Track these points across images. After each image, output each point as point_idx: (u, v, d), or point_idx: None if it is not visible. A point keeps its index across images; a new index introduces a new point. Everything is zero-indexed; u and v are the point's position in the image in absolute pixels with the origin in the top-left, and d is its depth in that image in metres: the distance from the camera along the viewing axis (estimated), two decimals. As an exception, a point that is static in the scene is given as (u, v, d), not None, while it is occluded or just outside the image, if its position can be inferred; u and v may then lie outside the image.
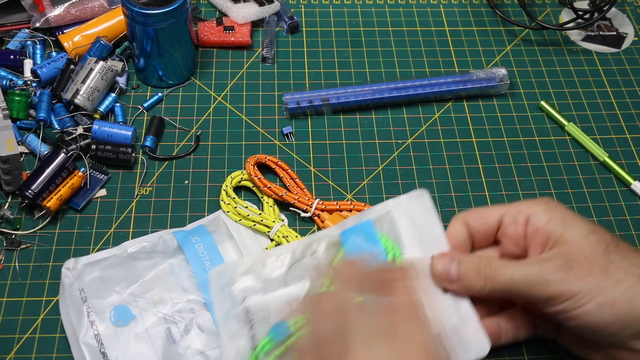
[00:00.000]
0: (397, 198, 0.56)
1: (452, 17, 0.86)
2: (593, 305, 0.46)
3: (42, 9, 0.76)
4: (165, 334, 0.56)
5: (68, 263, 0.58)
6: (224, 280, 0.55)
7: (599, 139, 0.74)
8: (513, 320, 0.53)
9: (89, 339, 0.55)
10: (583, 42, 0.84)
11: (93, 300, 0.56)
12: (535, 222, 0.50)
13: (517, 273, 0.48)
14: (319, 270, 0.53)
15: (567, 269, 0.47)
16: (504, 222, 0.53)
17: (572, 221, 0.49)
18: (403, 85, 0.75)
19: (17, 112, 0.69)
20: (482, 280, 0.49)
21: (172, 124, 0.72)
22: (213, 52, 0.80)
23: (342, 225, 0.56)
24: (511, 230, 0.52)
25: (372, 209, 0.56)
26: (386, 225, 0.55)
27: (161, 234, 0.62)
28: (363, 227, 0.55)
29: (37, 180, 0.63)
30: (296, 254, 0.55)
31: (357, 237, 0.55)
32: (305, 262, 0.55)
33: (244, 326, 0.53)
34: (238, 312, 0.53)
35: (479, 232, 0.54)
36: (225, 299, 0.54)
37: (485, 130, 0.74)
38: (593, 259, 0.47)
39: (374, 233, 0.54)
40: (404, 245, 0.54)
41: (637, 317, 0.46)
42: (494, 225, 0.53)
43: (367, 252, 0.54)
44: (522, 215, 0.51)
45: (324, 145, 0.72)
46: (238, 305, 0.53)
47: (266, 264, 0.55)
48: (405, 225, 0.54)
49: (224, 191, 0.65)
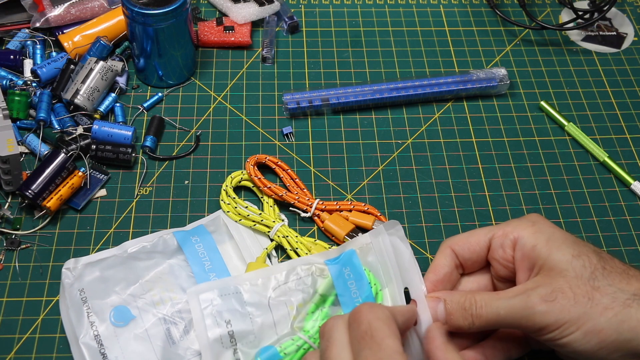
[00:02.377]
0: (376, 229, 0.56)
1: (452, 17, 0.86)
2: (580, 334, 0.46)
3: (42, 9, 0.76)
4: (165, 334, 0.56)
5: (68, 263, 0.58)
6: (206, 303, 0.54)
7: (599, 139, 0.74)
8: (503, 342, 0.53)
9: (89, 339, 0.55)
10: (583, 42, 0.84)
11: (93, 301, 0.56)
12: (521, 246, 0.50)
13: (503, 308, 0.47)
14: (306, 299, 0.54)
15: (552, 300, 0.46)
16: (492, 247, 0.52)
17: (558, 245, 0.49)
18: (403, 85, 0.75)
19: (17, 112, 0.69)
20: (469, 319, 0.48)
21: (172, 124, 0.72)
22: (213, 52, 0.80)
23: (326, 254, 0.57)
24: (500, 254, 0.52)
25: (355, 239, 0.57)
26: (369, 257, 0.56)
27: (161, 233, 0.62)
28: (347, 256, 0.56)
29: (37, 180, 0.63)
30: (280, 279, 0.56)
31: (344, 268, 0.55)
32: (290, 286, 0.55)
33: (229, 350, 0.53)
34: (223, 334, 0.53)
35: (469, 260, 0.53)
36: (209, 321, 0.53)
37: (485, 130, 0.74)
38: (578, 286, 0.46)
39: (359, 265, 0.55)
40: (382, 280, 0.55)
41: (625, 341, 0.46)
42: (483, 250, 0.53)
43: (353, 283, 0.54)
44: (508, 238, 0.51)
45: (324, 145, 0.72)
46: (223, 328, 0.53)
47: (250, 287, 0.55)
48: (383, 259, 0.55)
49: (224, 191, 0.65)
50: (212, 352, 0.52)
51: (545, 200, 0.69)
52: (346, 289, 0.55)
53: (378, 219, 0.65)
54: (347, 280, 0.55)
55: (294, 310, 0.54)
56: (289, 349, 0.52)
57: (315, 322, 0.53)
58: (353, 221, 0.64)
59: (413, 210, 0.67)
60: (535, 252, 0.49)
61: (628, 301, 0.46)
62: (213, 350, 0.53)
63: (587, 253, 0.48)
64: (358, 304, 0.52)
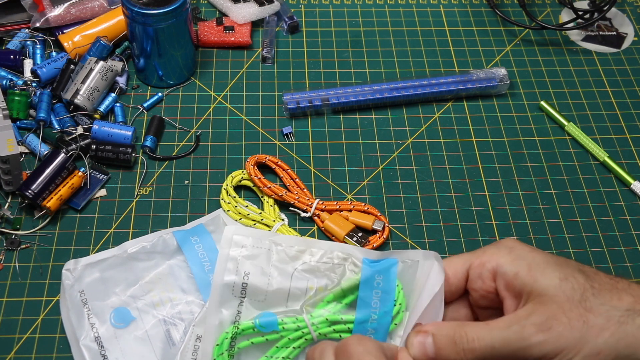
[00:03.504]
0: (427, 253, 0.53)
1: (452, 17, 0.86)
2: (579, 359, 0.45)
3: (42, 9, 0.76)
4: (165, 335, 0.56)
5: (68, 264, 0.58)
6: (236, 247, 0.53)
7: (599, 139, 0.74)
8: None
9: (89, 341, 0.55)
10: (583, 42, 0.84)
11: (93, 302, 0.56)
12: (502, 275, 0.48)
13: (498, 341, 0.45)
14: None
15: (547, 329, 0.45)
16: (470, 277, 0.50)
17: (541, 270, 0.47)
18: (403, 85, 0.75)
19: (17, 112, 0.69)
20: (460, 354, 0.46)
21: (172, 124, 0.72)
22: (213, 52, 0.80)
23: (367, 252, 0.54)
24: (479, 285, 0.50)
25: (404, 251, 0.54)
26: (408, 275, 0.53)
27: (161, 233, 0.62)
28: (387, 264, 0.53)
29: (37, 180, 0.63)
30: (314, 256, 0.54)
31: (378, 276, 0.53)
32: (319, 267, 0.54)
33: (235, 299, 0.52)
34: (237, 283, 0.52)
35: (447, 292, 0.51)
36: (231, 265, 0.53)
37: (485, 130, 0.74)
38: (571, 310, 0.45)
39: (394, 278, 0.53)
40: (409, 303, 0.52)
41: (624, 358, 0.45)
42: (461, 282, 0.51)
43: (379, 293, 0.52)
44: (486, 269, 0.49)
45: (324, 145, 0.72)
46: (240, 277, 0.52)
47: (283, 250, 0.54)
48: (420, 285, 0.52)
49: (224, 190, 0.65)
50: (220, 295, 0.52)
51: (545, 200, 0.69)
52: (369, 297, 0.52)
53: (378, 219, 0.65)
54: (375, 288, 0.52)
55: (313, 291, 0.53)
56: (288, 326, 0.51)
57: (325, 312, 0.52)
58: (353, 221, 0.64)
59: (413, 210, 0.67)
60: (519, 279, 0.47)
61: (622, 318, 0.45)
62: (222, 293, 0.52)
63: (573, 274, 0.47)
64: (374, 315, 0.51)
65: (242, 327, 0.51)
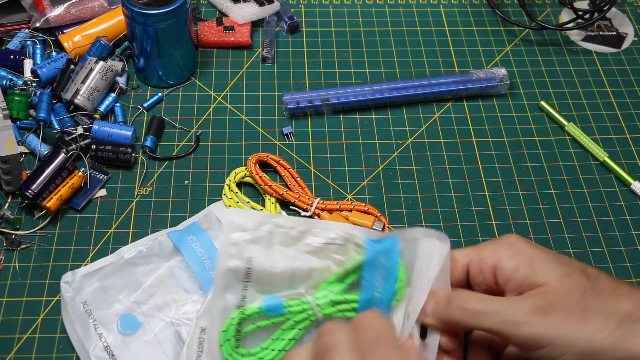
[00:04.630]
0: (428, 230, 0.53)
1: (452, 17, 0.86)
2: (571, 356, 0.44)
3: (42, 9, 0.76)
4: (175, 337, 0.55)
5: (66, 276, 0.58)
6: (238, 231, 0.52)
7: (599, 139, 0.74)
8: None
9: (99, 351, 0.54)
10: (583, 42, 0.84)
11: (98, 312, 0.56)
12: (502, 270, 0.48)
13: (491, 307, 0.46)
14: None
15: (543, 314, 0.45)
16: (470, 272, 0.51)
17: (542, 264, 0.47)
18: (403, 85, 0.75)
19: (17, 112, 0.69)
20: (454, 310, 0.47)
21: (172, 124, 0.72)
22: (213, 52, 0.80)
23: (369, 232, 0.54)
24: (480, 280, 0.50)
25: (405, 230, 0.54)
26: (409, 252, 0.53)
27: (155, 236, 0.61)
28: (389, 244, 0.53)
29: (37, 180, 0.63)
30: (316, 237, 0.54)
31: (380, 255, 0.52)
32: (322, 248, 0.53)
33: (240, 283, 0.52)
34: (240, 268, 0.52)
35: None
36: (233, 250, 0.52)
37: (485, 130, 0.74)
38: (569, 305, 0.45)
39: (396, 257, 0.52)
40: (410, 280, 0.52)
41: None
42: (462, 276, 0.51)
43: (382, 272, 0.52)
44: (487, 264, 0.49)
45: (324, 145, 0.72)
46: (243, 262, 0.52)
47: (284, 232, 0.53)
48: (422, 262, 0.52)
49: (227, 186, 0.65)
50: (224, 280, 0.52)
51: (545, 200, 0.69)
52: (372, 276, 0.52)
53: (378, 219, 0.65)
54: (378, 267, 0.52)
55: (315, 272, 0.53)
56: (294, 308, 0.51)
57: (328, 294, 0.52)
58: (353, 221, 0.64)
59: (413, 210, 0.67)
60: (518, 273, 0.47)
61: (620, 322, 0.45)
62: (226, 278, 0.52)
63: (575, 273, 0.47)
64: (377, 294, 0.51)
65: (247, 312, 0.51)
